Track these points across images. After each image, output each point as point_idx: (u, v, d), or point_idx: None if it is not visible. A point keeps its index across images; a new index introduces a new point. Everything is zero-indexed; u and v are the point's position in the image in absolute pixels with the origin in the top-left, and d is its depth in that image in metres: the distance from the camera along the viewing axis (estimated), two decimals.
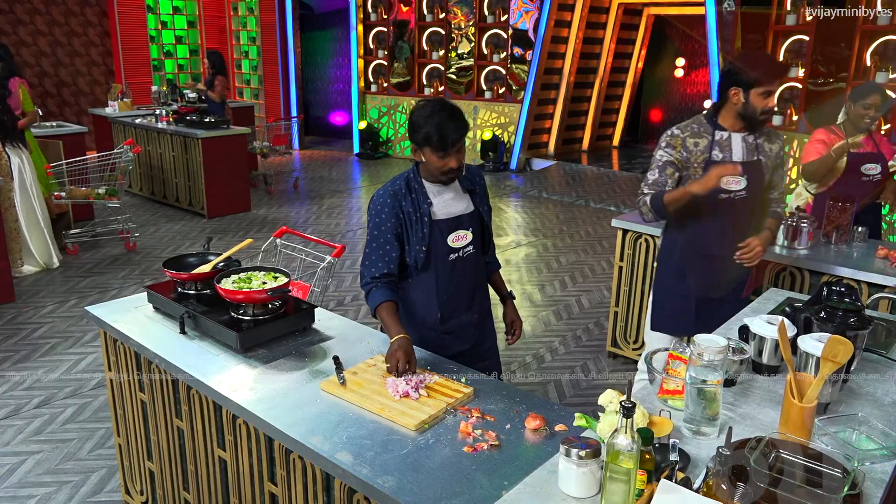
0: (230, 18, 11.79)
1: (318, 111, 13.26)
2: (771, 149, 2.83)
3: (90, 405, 3.74)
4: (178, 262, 2.70)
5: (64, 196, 6.12)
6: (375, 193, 2.40)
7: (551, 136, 10.57)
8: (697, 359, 1.70)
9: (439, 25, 10.60)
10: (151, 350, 2.32)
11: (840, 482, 1.37)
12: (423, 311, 2.44)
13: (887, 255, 3.34)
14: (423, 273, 2.39)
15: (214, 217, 7.46)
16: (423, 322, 2.45)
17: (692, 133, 2.79)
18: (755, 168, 2.79)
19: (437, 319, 2.44)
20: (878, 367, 2.10)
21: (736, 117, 2.75)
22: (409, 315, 2.47)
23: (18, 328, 4.69)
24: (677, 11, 11.07)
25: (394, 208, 2.33)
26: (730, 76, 2.71)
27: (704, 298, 2.92)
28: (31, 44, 10.06)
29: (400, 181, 2.37)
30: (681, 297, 2.96)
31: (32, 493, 3.03)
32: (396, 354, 2.11)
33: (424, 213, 2.33)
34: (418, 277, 2.41)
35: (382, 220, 2.34)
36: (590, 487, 1.47)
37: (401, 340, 2.15)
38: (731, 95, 2.71)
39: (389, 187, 2.36)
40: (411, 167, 2.41)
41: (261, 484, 2.09)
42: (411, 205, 2.34)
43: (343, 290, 5.51)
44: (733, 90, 2.69)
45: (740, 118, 2.74)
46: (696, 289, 2.92)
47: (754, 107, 2.67)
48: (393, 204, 2.33)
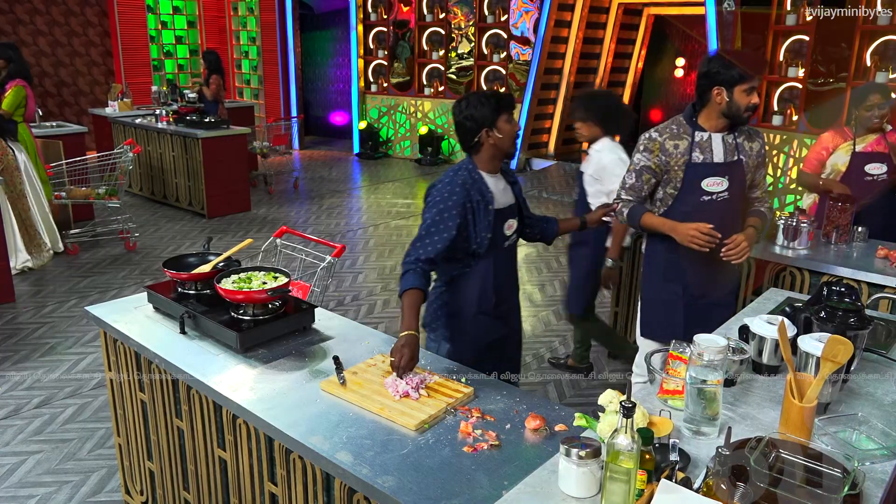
0: (230, 18, 11.79)
1: (318, 111, 13.26)
2: (752, 147, 2.78)
3: (90, 405, 3.74)
4: (178, 262, 2.70)
5: (64, 196, 6.12)
6: (440, 182, 2.48)
7: (551, 136, 10.58)
8: (697, 359, 1.70)
9: (439, 25, 10.60)
10: (151, 350, 2.32)
11: (840, 482, 1.37)
12: (479, 297, 2.54)
13: (887, 255, 3.34)
14: (482, 260, 2.50)
15: (214, 217, 7.46)
16: (479, 307, 2.55)
17: (671, 135, 2.73)
18: (736, 168, 2.74)
19: (493, 304, 2.56)
20: (878, 367, 2.10)
21: (718, 117, 2.69)
22: (465, 301, 2.54)
23: (18, 328, 4.69)
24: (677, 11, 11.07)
25: (463, 197, 2.42)
26: (710, 76, 2.63)
27: (692, 302, 2.86)
28: (31, 44, 10.06)
29: (463, 172, 2.48)
30: (668, 303, 2.89)
31: (32, 493, 3.04)
32: (403, 350, 2.11)
33: (489, 201, 2.46)
34: (477, 265, 2.51)
35: (448, 207, 2.40)
36: (590, 487, 1.47)
37: (409, 336, 2.16)
38: (713, 96, 2.64)
39: (455, 177, 2.46)
40: (464, 161, 2.52)
41: (261, 484, 2.09)
42: (479, 194, 2.45)
43: (343, 290, 5.51)
44: (716, 90, 2.63)
45: (724, 117, 2.69)
46: (683, 293, 2.86)
47: (739, 104, 2.62)
48: (462, 192, 2.42)
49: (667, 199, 2.80)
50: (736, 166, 2.74)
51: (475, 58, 10.30)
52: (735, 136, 2.75)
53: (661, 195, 2.81)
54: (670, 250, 2.79)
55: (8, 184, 5.38)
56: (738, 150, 2.75)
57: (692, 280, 2.83)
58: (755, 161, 2.80)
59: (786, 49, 7.47)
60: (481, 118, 2.42)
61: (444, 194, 2.42)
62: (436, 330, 2.61)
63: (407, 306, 2.27)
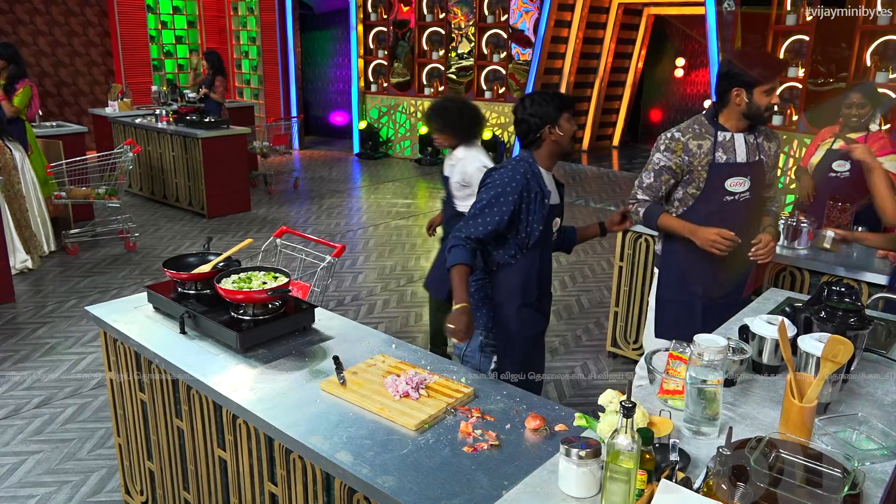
0: (230, 18, 11.79)
1: (318, 111, 13.26)
2: (770, 147, 2.81)
3: (90, 405, 3.74)
4: (178, 262, 2.70)
5: (64, 196, 6.13)
6: (502, 166, 2.55)
7: None
8: (697, 359, 1.70)
9: (439, 25, 10.59)
10: (151, 350, 2.32)
11: (840, 482, 1.37)
12: (524, 288, 2.58)
13: (887, 255, 3.34)
14: (530, 252, 2.55)
15: (214, 217, 7.46)
16: (524, 298, 2.59)
17: (694, 135, 2.74)
18: (758, 168, 2.77)
19: (536, 296, 2.62)
20: (878, 367, 2.10)
21: (739, 118, 2.71)
22: (510, 292, 2.57)
23: (18, 328, 4.69)
24: (677, 11, 11.08)
25: (522, 185, 2.47)
26: (730, 77, 2.66)
27: (710, 303, 2.87)
28: (31, 44, 10.06)
29: (524, 164, 2.53)
30: (684, 304, 2.90)
31: (32, 493, 3.04)
32: (461, 318, 2.26)
33: (546, 195, 2.53)
34: (524, 256, 2.55)
35: (507, 192, 2.45)
36: (590, 487, 1.47)
37: (465, 307, 2.30)
38: (733, 97, 2.67)
39: (518, 166, 2.52)
40: (525, 154, 2.57)
41: (261, 484, 2.09)
42: (538, 186, 2.51)
43: (343, 290, 5.51)
44: (735, 91, 2.66)
45: (744, 118, 2.71)
46: (701, 293, 2.86)
47: (759, 105, 2.65)
48: (522, 181, 2.48)
49: (687, 200, 2.80)
50: (758, 166, 2.77)
51: (475, 58, 10.30)
52: (756, 136, 2.77)
53: (681, 195, 2.81)
54: (689, 252, 2.79)
55: (6, 183, 5.38)
56: (760, 150, 2.77)
57: (711, 282, 2.84)
58: (773, 161, 2.83)
59: (786, 49, 7.47)
60: (545, 115, 2.50)
61: (504, 178, 2.48)
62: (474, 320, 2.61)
63: (458, 281, 2.38)
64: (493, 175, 2.53)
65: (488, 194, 2.47)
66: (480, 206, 2.47)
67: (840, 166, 3.82)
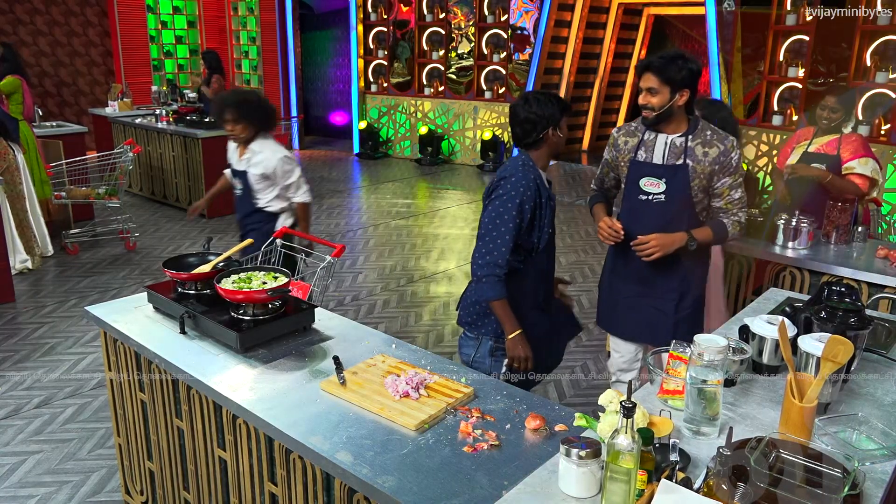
0: (230, 18, 11.79)
1: (318, 111, 13.26)
2: (706, 153, 2.60)
3: (90, 405, 3.74)
4: (178, 262, 2.70)
5: (64, 196, 6.13)
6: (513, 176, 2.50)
7: None
8: (697, 359, 1.70)
9: (439, 25, 10.59)
10: (151, 350, 2.32)
11: (840, 482, 1.37)
12: (534, 291, 2.63)
13: (887, 255, 3.34)
14: (539, 254, 2.58)
15: (214, 217, 7.46)
16: (533, 300, 2.64)
17: (626, 132, 2.79)
18: (679, 172, 2.62)
19: (543, 297, 2.69)
20: (878, 367, 2.10)
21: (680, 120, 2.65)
22: (521, 296, 2.59)
23: (18, 328, 4.69)
24: (677, 11, 11.08)
25: (535, 194, 2.50)
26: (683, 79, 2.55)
27: (630, 298, 2.85)
28: (31, 44, 10.06)
29: (528, 169, 2.53)
30: (609, 294, 2.95)
31: (32, 493, 3.03)
32: (524, 347, 2.46)
33: (552, 197, 2.59)
34: (533, 259, 2.59)
35: (523, 202, 2.46)
36: (590, 487, 1.47)
37: (522, 335, 2.48)
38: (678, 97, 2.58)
39: (527, 173, 2.52)
40: (523, 158, 2.56)
41: (261, 484, 2.09)
42: (544, 189, 2.55)
43: (343, 290, 5.51)
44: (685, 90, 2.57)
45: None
46: (622, 289, 2.88)
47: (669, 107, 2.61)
48: (534, 188, 2.50)
49: (621, 195, 2.88)
50: (678, 170, 2.63)
51: (475, 58, 10.30)
52: (690, 139, 2.62)
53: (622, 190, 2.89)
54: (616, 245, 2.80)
55: (8, 183, 5.39)
56: (688, 154, 2.62)
57: (632, 277, 2.82)
58: (708, 168, 2.61)
59: (786, 49, 7.47)
60: (550, 116, 2.51)
61: (519, 188, 2.48)
62: (481, 327, 2.63)
63: (505, 313, 2.49)
64: (505, 186, 2.49)
65: (507, 210, 2.45)
66: (501, 226, 2.46)
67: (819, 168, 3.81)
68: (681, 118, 2.63)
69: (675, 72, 2.52)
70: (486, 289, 2.48)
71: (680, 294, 2.77)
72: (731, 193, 2.67)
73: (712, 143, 2.62)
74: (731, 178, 2.64)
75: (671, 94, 2.55)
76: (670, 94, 2.55)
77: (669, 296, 2.77)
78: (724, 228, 2.69)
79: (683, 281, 2.76)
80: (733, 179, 2.64)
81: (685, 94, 2.56)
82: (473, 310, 2.65)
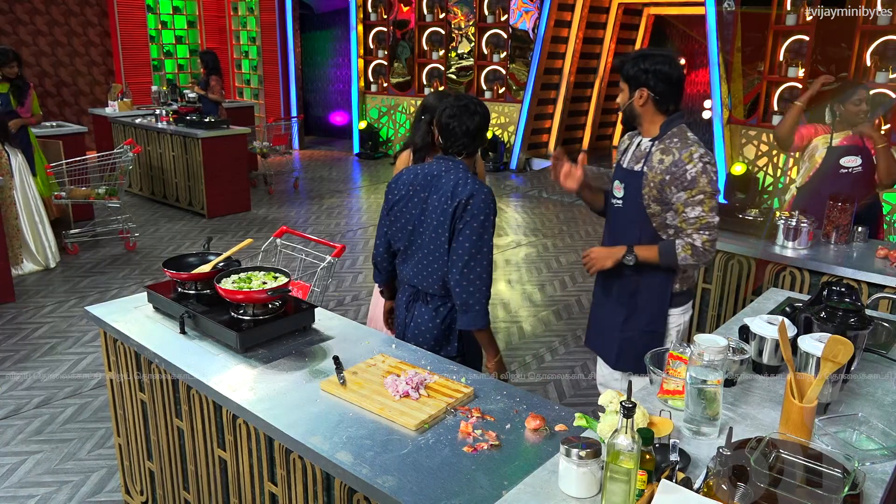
0: (230, 18, 11.79)
1: (318, 111, 13.26)
2: (662, 160, 2.43)
3: (90, 405, 3.74)
4: (178, 262, 2.69)
5: (64, 196, 6.12)
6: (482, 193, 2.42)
7: (551, 136, 10.58)
8: (697, 359, 1.70)
9: (439, 25, 10.59)
10: (151, 350, 2.32)
11: (840, 482, 1.37)
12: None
13: (887, 255, 3.34)
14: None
15: (214, 217, 7.46)
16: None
17: (628, 135, 2.70)
18: (633, 178, 2.52)
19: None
20: (878, 367, 2.10)
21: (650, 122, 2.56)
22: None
23: (18, 328, 4.69)
24: (677, 11, 11.07)
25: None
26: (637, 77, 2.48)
27: (594, 307, 2.81)
28: (31, 44, 10.06)
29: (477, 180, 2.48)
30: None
31: (32, 493, 3.03)
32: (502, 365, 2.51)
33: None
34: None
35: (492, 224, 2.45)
36: (590, 487, 1.47)
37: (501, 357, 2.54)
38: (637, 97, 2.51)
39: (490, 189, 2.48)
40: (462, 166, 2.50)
41: (261, 484, 2.09)
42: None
43: (343, 290, 5.51)
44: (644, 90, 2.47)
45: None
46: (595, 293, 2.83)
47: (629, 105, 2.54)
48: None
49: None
50: (633, 176, 2.52)
51: (475, 58, 10.30)
52: (654, 144, 2.49)
53: None
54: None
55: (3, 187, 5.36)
56: (646, 159, 2.49)
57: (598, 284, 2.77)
58: (659, 176, 2.43)
59: (786, 49, 7.47)
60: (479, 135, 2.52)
61: (491, 205, 2.43)
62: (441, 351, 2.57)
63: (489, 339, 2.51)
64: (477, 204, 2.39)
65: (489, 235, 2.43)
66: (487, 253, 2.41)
67: (850, 161, 3.79)
68: (653, 120, 2.50)
69: (630, 69, 2.47)
70: (479, 317, 2.40)
71: (628, 312, 2.61)
72: (686, 211, 2.41)
73: (670, 150, 2.43)
74: (686, 194, 2.39)
75: (630, 93, 2.50)
76: (629, 92, 2.50)
77: (619, 310, 2.64)
78: (671, 249, 2.43)
79: (632, 299, 2.59)
80: (689, 195, 2.38)
81: (644, 94, 2.45)
82: (434, 334, 2.56)
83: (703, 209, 2.39)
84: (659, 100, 2.45)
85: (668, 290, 2.56)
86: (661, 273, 2.53)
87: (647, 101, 2.46)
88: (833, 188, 3.67)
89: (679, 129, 2.48)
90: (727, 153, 7.53)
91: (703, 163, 2.38)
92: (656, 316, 2.57)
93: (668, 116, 2.49)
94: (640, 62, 2.44)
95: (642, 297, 2.58)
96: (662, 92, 2.44)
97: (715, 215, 2.41)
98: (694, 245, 2.40)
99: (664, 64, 2.42)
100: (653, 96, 2.45)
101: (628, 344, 2.60)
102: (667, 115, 2.49)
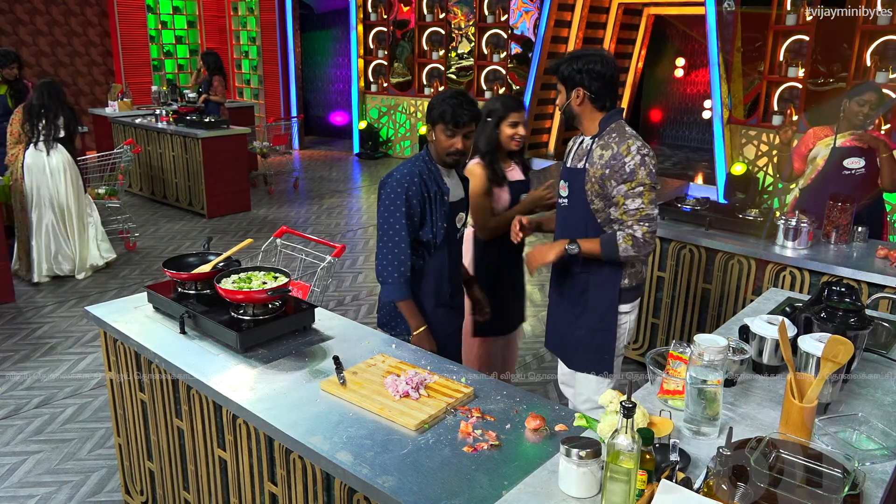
0: (230, 18, 11.79)
1: (318, 111, 13.26)
2: (602, 155, 2.46)
3: (90, 405, 3.74)
4: (178, 262, 2.70)
5: None
6: (392, 178, 2.51)
7: (551, 136, 10.57)
8: (697, 359, 1.70)
9: (439, 25, 10.59)
10: (151, 350, 2.32)
11: (840, 482, 1.37)
12: (437, 289, 2.63)
13: (887, 255, 3.34)
14: (438, 252, 2.58)
15: (214, 217, 7.46)
16: (438, 299, 2.64)
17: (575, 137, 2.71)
18: (577, 176, 2.54)
19: (449, 294, 2.66)
20: (878, 367, 2.10)
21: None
22: (424, 294, 2.62)
23: (18, 328, 4.69)
24: (677, 11, 11.07)
25: (420, 188, 2.49)
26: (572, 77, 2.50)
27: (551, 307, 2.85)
28: (31, 44, 10.06)
29: (418, 163, 2.54)
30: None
31: (32, 493, 3.03)
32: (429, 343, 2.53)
33: (445, 192, 2.55)
34: (434, 255, 2.59)
35: (403, 203, 2.46)
36: (590, 487, 1.47)
37: (427, 331, 2.55)
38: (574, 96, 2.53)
39: (411, 168, 2.51)
40: (423, 152, 2.59)
41: (261, 484, 2.09)
42: (435, 184, 2.53)
43: (343, 290, 5.51)
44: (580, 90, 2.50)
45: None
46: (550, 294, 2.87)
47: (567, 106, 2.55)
48: (419, 183, 2.49)
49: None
50: (577, 174, 2.54)
51: (475, 58, 10.30)
52: (595, 141, 2.52)
53: None
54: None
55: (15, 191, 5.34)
56: (587, 156, 2.52)
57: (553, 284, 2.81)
58: (600, 171, 2.45)
59: (786, 49, 7.47)
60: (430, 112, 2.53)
61: (396, 191, 2.48)
62: (395, 328, 2.65)
63: (410, 311, 2.56)
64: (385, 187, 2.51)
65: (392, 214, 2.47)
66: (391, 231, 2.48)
67: (854, 163, 3.79)
68: (592, 118, 2.53)
69: (565, 70, 2.50)
70: (392, 290, 2.53)
71: (579, 310, 2.64)
72: (626, 203, 2.42)
73: (609, 144, 2.46)
74: (625, 186, 2.41)
75: (567, 94, 2.53)
76: (566, 93, 2.53)
77: (571, 309, 2.67)
78: (613, 240, 2.45)
79: (583, 296, 2.62)
80: (629, 187, 2.40)
81: (580, 93, 2.48)
82: (386, 311, 2.68)
83: (643, 201, 2.42)
84: (595, 98, 2.50)
85: (617, 286, 2.58)
86: (608, 269, 2.56)
87: (584, 101, 2.51)
88: (836, 189, 3.66)
89: (618, 125, 2.52)
90: (727, 153, 7.53)
91: (640, 155, 2.42)
92: (606, 313, 2.60)
93: (606, 113, 2.53)
94: (573, 63, 2.49)
95: (591, 294, 2.62)
96: (598, 90, 2.49)
97: (654, 207, 2.45)
98: (635, 236, 2.42)
99: (597, 63, 2.47)
100: (589, 95, 2.50)
101: (582, 342, 2.66)
102: (605, 112, 2.53)
